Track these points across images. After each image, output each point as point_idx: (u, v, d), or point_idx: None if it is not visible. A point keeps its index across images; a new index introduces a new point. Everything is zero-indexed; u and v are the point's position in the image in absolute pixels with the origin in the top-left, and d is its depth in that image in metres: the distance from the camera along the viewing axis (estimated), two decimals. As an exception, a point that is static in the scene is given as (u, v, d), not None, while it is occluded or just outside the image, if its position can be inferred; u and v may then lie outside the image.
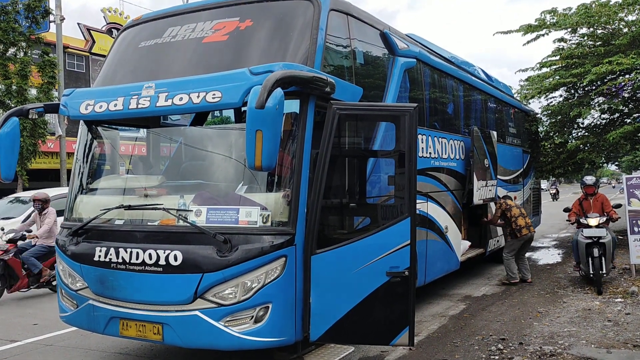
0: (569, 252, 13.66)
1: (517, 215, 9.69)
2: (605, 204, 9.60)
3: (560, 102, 15.31)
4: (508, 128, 12.88)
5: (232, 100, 4.82)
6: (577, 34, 15.03)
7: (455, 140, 9.09)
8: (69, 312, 5.68)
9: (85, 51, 31.43)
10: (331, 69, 5.68)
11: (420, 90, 7.94)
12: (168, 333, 4.96)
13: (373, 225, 5.84)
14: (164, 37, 5.96)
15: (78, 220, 5.72)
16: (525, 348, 6.07)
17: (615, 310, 7.53)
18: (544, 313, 7.60)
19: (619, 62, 12.39)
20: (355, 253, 5.13)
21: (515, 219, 9.68)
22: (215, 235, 4.79)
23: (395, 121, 5.68)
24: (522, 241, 9.70)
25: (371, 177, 6.16)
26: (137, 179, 6.03)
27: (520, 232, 9.62)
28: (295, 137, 5.04)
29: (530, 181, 14.35)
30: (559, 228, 20.44)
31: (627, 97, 14.85)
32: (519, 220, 9.65)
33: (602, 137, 14.18)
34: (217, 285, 4.79)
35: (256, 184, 5.21)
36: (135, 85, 5.28)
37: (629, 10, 13.91)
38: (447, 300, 8.80)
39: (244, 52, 5.47)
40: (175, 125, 7.05)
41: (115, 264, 5.15)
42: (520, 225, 9.63)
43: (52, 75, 19.33)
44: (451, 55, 10.23)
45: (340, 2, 5.98)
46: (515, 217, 9.68)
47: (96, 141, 6.09)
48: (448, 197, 8.75)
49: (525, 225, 9.64)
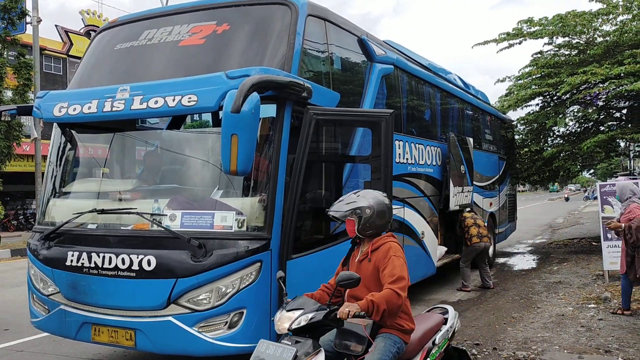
0: (544, 258, 13.85)
1: (470, 225, 9.83)
2: None
3: (536, 112, 15.52)
4: (484, 135, 13.01)
5: (208, 104, 4.80)
6: (553, 44, 15.26)
7: (432, 146, 9.15)
8: (40, 317, 5.59)
9: (62, 53, 31.11)
10: (309, 74, 5.68)
11: (398, 97, 7.98)
12: (141, 339, 4.90)
13: (349, 230, 5.83)
14: (140, 39, 5.92)
15: (50, 224, 5.64)
16: (499, 353, 6.11)
17: (588, 316, 7.62)
18: (518, 318, 7.67)
19: (593, 72, 12.60)
20: (331, 258, 5.11)
21: (467, 228, 9.84)
22: (190, 240, 4.75)
23: (372, 127, 5.70)
24: (475, 250, 9.79)
25: (348, 183, 6.17)
26: (111, 182, 5.96)
27: (470, 241, 9.77)
28: (271, 141, 5.02)
29: (505, 187, 14.51)
30: (534, 234, 20.68)
31: (601, 105, 15.10)
32: (471, 229, 9.79)
33: (577, 145, 14.39)
34: (191, 291, 4.74)
35: (232, 188, 5.18)
36: (109, 88, 5.23)
37: (603, 20, 14.18)
38: (423, 305, 8.82)
39: (220, 56, 5.45)
40: (150, 129, 7.00)
41: (87, 269, 5.08)
42: (471, 234, 9.77)
43: (27, 77, 19.04)
44: (428, 63, 10.32)
45: (318, 8, 6.00)
46: (467, 227, 9.84)
47: (70, 144, 6.00)
48: (425, 203, 8.80)
49: (477, 234, 9.73)
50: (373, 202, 3.83)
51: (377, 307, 3.46)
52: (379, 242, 3.83)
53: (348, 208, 3.84)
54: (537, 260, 13.85)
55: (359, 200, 3.86)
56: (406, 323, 3.79)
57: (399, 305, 3.54)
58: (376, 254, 3.77)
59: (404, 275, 3.60)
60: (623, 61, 12.60)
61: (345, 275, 3.56)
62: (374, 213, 3.81)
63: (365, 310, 3.45)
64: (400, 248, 3.81)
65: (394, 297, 3.51)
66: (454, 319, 4.61)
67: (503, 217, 14.05)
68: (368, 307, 3.46)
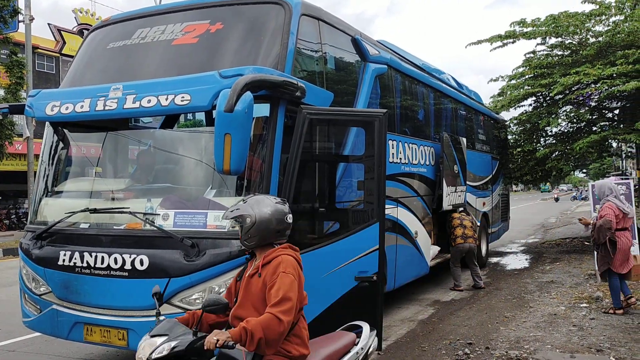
0: (537, 258, 13.90)
1: (456, 225, 9.84)
2: None
3: (529, 112, 15.58)
4: (477, 135, 13.05)
5: (201, 103, 4.78)
6: (546, 44, 15.32)
7: (426, 146, 9.17)
8: (32, 317, 5.56)
9: (55, 52, 30.97)
10: (302, 73, 5.68)
11: (391, 97, 7.99)
12: (133, 338, 4.87)
13: (342, 230, 5.85)
14: (132, 38, 5.90)
15: (42, 224, 5.61)
16: (492, 352, 6.13)
17: (580, 315, 7.66)
18: (511, 318, 7.70)
19: (586, 73, 12.65)
20: (324, 258, 5.13)
21: (453, 229, 9.86)
22: (183, 239, 4.74)
23: (365, 126, 5.71)
24: (459, 251, 9.81)
25: (341, 182, 6.17)
26: (104, 181, 5.94)
27: (454, 241, 9.80)
28: (265, 141, 5.02)
29: (498, 187, 14.55)
30: (527, 234, 20.75)
31: (593, 105, 15.17)
32: (457, 230, 9.81)
33: (570, 145, 14.46)
34: (184, 290, 4.73)
35: (225, 187, 5.17)
36: (102, 87, 5.21)
37: (596, 21, 14.24)
38: (416, 304, 8.86)
39: (213, 55, 5.44)
40: (143, 128, 6.98)
41: (79, 269, 5.07)
42: (456, 235, 9.80)
43: (20, 76, 18.93)
44: (422, 63, 10.34)
45: (312, 7, 6.00)
46: (453, 227, 9.86)
47: (62, 143, 5.97)
48: (418, 203, 8.82)
49: (462, 235, 9.75)
50: (257, 210, 3.32)
51: (251, 335, 2.97)
52: (270, 256, 3.30)
53: (232, 215, 3.39)
54: (530, 259, 13.89)
55: (242, 208, 3.37)
56: (296, 348, 3.27)
57: (281, 332, 3.05)
58: (266, 269, 3.26)
59: (289, 296, 3.10)
60: (615, 62, 12.66)
61: (212, 300, 3.10)
62: (255, 222, 3.29)
63: (237, 340, 2.96)
64: (293, 263, 3.28)
65: (274, 323, 3.01)
66: (369, 338, 3.98)
67: (496, 216, 14.10)
68: (240, 336, 2.97)
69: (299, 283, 3.24)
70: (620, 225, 7.60)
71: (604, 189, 7.81)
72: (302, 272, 3.35)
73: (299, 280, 3.24)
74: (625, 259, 7.58)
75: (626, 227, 7.67)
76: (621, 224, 7.60)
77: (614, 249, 7.51)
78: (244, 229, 3.33)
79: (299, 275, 3.25)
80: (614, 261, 7.54)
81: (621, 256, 7.54)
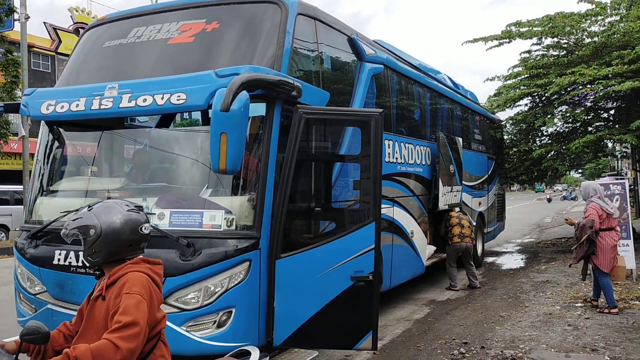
0: (532, 257, 13.93)
1: (454, 224, 9.84)
2: None
3: (525, 112, 15.61)
4: (473, 135, 13.07)
5: (197, 103, 4.78)
6: (542, 45, 15.35)
7: (422, 146, 9.18)
8: (27, 316, 5.54)
9: (51, 50, 30.90)
10: (298, 73, 5.68)
11: (387, 96, 8.00)
12: (128, 338, 4.86)
13: (338, 229, 5.84)
14: (128, 37, 5.88)
15: (38, 223, 5.60)
16: (487, 352, 6.14)
17: (575, 315, 7.68)
18: (506, 317, 7.71)
19: (581, 73, 12.68)
20: (320, 257, 5.12)
21: (451, 227, 9.86)
22: (178, 238, 4.73)
23: (361, 126, 5.70)
24: (456, 250, 9.81)
25: (337, 182, 6.17)
26: (99, 181, 5.93)
27: (451, 240, 9.79)
28: (261, 140, 5.02)
29: (494, 187, 14.58)
30: (522, 234, 20.80)
31: (589, 105, 15.20)
32: (454, 229, 9.81)
33: (566, 145, 14.48)
34: (179, 290, 4.73)
35: (221, 187, 5.17)
36: (98, 86, 5.20)
37: (591, 21, 14.27)
38: (412, 304, 8.87)
39: (209, 54, 5.43)
40: (139, 127, 6.96)
41: (75, 268, 5.05)
42: (453, 234, 9.80)
43: (15, 75, 18.86)
44: (418, 63, 10.35)
45: (308, 7, 5.99)
46: (451, 226, 9.86)
47: (58, 142, 5.96)
48: (414, 202, 8.83)
49: (459, 234, 9.74)
50: (103, 219, 2.76)
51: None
52: (116, 274, 2.74)
53: (72, 226, 2.79)
54: (525, 259, 13.92)
55: (85, 217, 2.80)
56: None
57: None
58: (111, 291, 2.70)
59: (134, 320, 2.52)
60: (611, 62, 12.69)
61: (31, 328, 2.58)
62: (101, 234, 2.73)
63: None
64: (142, 280, 2.69)
65: (108, 350, 2.45)
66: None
67: (492, 216, 14.13)
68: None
69: (150, 304, 2.66)
70: (605, 225, 7.74)
71: (589, 190, 7.97)
72: (162, 289, 2.86)
73: (149, 300, 2.66)
74: (611, 257, 7.72)
75: (611, 227, 7.77)
76: (605, 224, 7.74)
77: (593, 247, 7.67)
78: (87, 243, 2.76)
79: (149, 295, 2.68)
80: (601, 260, 7.68)
81: (606, 255, 7.69)
